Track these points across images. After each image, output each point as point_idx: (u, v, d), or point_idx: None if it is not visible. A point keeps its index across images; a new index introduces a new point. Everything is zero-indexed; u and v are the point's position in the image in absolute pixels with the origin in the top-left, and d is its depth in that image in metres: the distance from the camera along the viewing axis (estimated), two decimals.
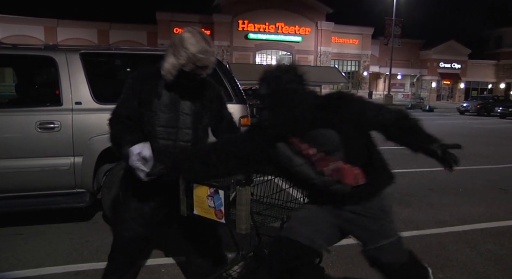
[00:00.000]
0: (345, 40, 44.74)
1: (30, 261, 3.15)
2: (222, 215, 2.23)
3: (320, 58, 42.90)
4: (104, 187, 3.72)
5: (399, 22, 36.18)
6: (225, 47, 39.91)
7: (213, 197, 2.26)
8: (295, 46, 42.62)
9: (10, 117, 3.56)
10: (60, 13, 43.53)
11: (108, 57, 4.07)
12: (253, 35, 41.21)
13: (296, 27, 42.04)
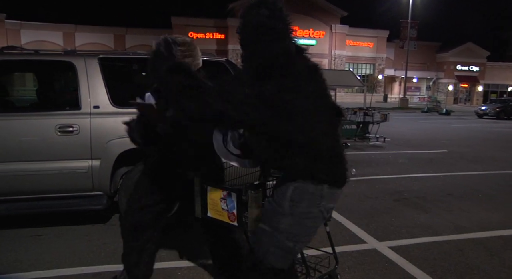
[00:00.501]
0: (359, 43, 44.49)
1: (48, 262, 3.21)
2: (234, 217, 2.25)
3: (334, 61, 42.75)
4: (121, 190, 3.76)
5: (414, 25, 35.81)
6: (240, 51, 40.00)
7: (226, 199, 2.28)
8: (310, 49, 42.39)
9: (31, 121, 3.64)
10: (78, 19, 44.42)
11: (125, 61, 4.13)
12: None
13: (311, 30, 42.00)
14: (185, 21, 39.82)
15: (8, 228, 3.93)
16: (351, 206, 4.85)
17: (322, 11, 42.11)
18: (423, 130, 14.85)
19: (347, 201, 4.97)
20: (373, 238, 3.83)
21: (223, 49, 38.56)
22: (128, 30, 41.80)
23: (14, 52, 3.91)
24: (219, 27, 40.53)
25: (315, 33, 42.21)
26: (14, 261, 3.20)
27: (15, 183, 3.58)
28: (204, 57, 4.16)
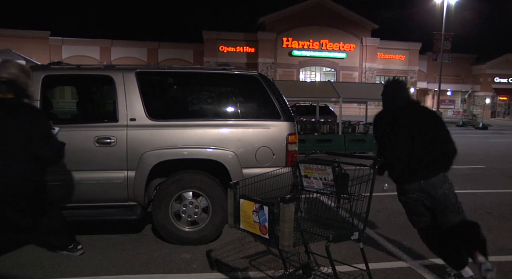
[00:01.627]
0: (391, 56, 43.83)
1: (86, 269, 3.31)
2: (266, 230, 2.26)
3: (365, 74, 42.26)
4: (155, 201, 3.84)
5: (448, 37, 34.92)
6: (269, 64, 40.39)
7: (258, 212, 2.30)
8: (340, 62, 42.32)
9: (72, 132, 3.80)
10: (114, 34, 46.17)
11: (161, 75, 4.26)
12: (297, 52, 41.44)
13: (341, 43, 41.81)
14: (216, 35, 40.61)
15: None
16: (384, 222, 4.74)
17: (353, 24, 41.92)
18: (459, 145, 14.17)
19: (379, 217, 4.86)
20: (407, 256, 3.71)
21: (253, 63, 38.95)
22: (161, 44, 43.02)
23: (60, 67, 4.12)
24: (249, 41, 41.05)
25: (345, 46, 41.98)
26: (53, 267, 3.33)
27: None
28: (235, 71, 4.27)
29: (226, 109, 4.35)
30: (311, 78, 42.22)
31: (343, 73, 42.21)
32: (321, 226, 2.70)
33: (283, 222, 2.13)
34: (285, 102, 4.13)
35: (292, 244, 2.18)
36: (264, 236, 2.24)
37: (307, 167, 2.77)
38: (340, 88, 12.55)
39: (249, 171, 3.83)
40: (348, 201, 2.61)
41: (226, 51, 40.61)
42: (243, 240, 4.04)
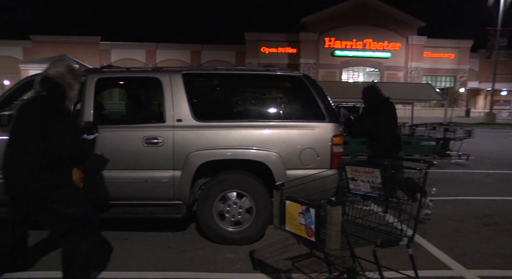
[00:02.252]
0: (439, 55, 42.00)
1: (134, 264, 3.43)
2: (312, 233, 2.23)
3: (410, 74, 40.80)
4: (200, 200, 3.92)
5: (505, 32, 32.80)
6: (311, 65, 40.05)
7: (304, 214, 2.28)
8: (384, 62, 41.17)
9: (122, 133, 3.96)
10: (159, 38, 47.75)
11: (207, 77, 4.34)
12: (339, 52, 40.79)
13: (385, 43, 40.66)
14: (258, 36, 40.84)
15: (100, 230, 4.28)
16: (432, 228, 4.54)
17: (398, 22, 40.59)
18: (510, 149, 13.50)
19: (427, 222, 4.66)
20: (459, 265, 3.53)
21: (294, 63, 38.83)
22: (204, 46, 43.91)
23: (111, 70, 4.31)
24: (291, 42, 40.93)
25: (390, 46, 40.77)
26: (105, 261, 3.48)
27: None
28: (280, 72, 4.26)
29: (271, 110, 4.35)
30: (354, 78, 41.39)
31: (387, 73, 41.02)
32: (366, 230, 2.63)
33: (330, 225, 2.09)
34: (330, 103, 4.07)
35: (339, 248, 2.14)
36: (310, 238, 2.21)
37: (354, 169, 2.71)
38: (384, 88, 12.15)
39: (293, 172, 3.81)
40: (396, 205, 2.52)
41: (267, 52, 40.73)
42: (286, 241, 4.02)
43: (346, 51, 40.91)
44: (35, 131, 2.61)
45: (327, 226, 2.12)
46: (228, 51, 43.54)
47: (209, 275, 3.24)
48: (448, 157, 9.92)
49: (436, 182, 6.90)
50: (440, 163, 9.71)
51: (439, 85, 41.84)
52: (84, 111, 3.94)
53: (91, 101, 3.97)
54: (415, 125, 12.49)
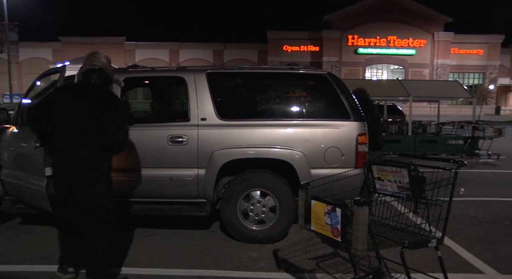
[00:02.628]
0: (466, 51, 40.81)
1: (160, 261, 3.48)
2: (338, 233, 2.20)
3: (436, 71, 39.82)
4: (224, 199, 3.94)
5: None
6: (334, 63, 39.67)
7: (330, 214, 2.25)
8: (409, 59, 40.35)
9: (147, 131, 4.02)
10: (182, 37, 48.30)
11: (231, 76, 4.35)
12: (362, 50, 40.24)
13: (410, 39, 39.83)
14: (280, 34, 40.75)
15: (125, 226, 4.36)
16: (461, 230, 4.41)
17: (424, 18, 39.65)
18: None
19: (455, 224, 4.53)
20: (491, 269, 3.41)
21: (317, 61, 38.53)
22: (226, 45, 44.17)
23: (136, 70, 4.38)
24: (313, 40, 40.65)
25: (415, 42, 39.91)
26: (131, 257, 3.55)
27: (133, 187, 3.97)
28: (304, 70, 4.23)
29: (295, 109, 4.33)
30: (378, 76, 40.73)
31: (412, 71, 40.18)
32: (393, 230, 2.57)
33: (357, 225, 2.06)
34: (355, 101, 4.01)
35: (365, 249, 2.10)
36: (336, 238, 2.19)
37: (380, 168, 2.66)
38: (410, 86, 11.93)
39: (317, 171, 3.78)
40: (425, 205, 2.46)
41: (290, 51, 40.60)
42: (310, 240, 4.00)
43: (369, 49, 40.31)
44: (95, 125, 2.87)
45: (354, 226, 2.08)
46: (250, 50, 43.63)
47: (232, 274, 3.25)
48: (476, 156, 9.63)
49: (465, 182, 6.70)
50: (469, 162, 9.43)
51: (467, 83, 40.67)
52: None
53: None
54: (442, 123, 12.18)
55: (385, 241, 2.39)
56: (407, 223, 2.61)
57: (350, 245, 2.16)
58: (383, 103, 15.65)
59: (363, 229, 2.06)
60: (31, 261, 3.47)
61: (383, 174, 2.65)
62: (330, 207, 2.21)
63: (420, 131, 12.39)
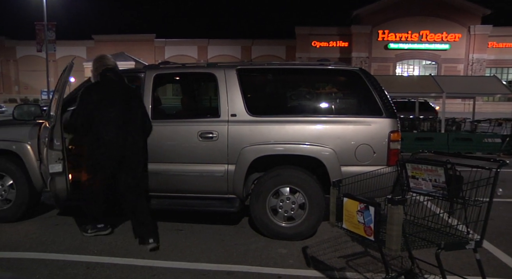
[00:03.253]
0: (506, 45, 38.93)
1: (188, 255, 3.54)
2: (371, 232, 2.16)
3: (472, 66, 38.28)
4: (253, 195, 3.95)
5: None
6: (364, 59, 38.88)
7: (363, 212, 2.21)
8: (442, 54, 38.99)
9: (178, 127, 4.08)
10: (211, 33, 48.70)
11: (261, 72, 4.33)
12: (393, 45, 39.22)
13: (444, 34, 38.43)
14: (309, 30, 40.32)
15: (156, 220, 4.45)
16: (500, 232, 4.24)
17: (459, 11, 38.13)
18: None
19: (494, 226, 4.35)
20: None
21: (346, 57, 37.87)
22: (254, 42, 44.16)
23: (168, 66, 4.45)
24: (342, 35, 39.98)
25: (449, 37, 38.47)
26: (162, 250, 3.62)
27: (164, 182, 4.05)
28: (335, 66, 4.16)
29: (325, 105, 4.27)
30: (409, 72, 39.66)
31: (445, 66, 38.82)
32: (427, 231, 2.50)
33: (391, 225, 2.01)
34: (388, 98, 3.91)
35: (399, 249, 2.05)
36: (369, 237, 2.14)
37: (415, 167, 2.58)
38: (443, 82, 11.56)
39: (348, 168, 3.72)
40: (462, 206, 2.37)
41: (318, 46, 40.14)
42: (339, 238, 3.95)
43: (400, 44, 39.24)
44: (140, 117, 3.80)
45: (388, 225, 2.04)
46: (278, 46, 43.45)
47: (262, 270, 3.25)
48: None
49: (503, 182, 6.43)
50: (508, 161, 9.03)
51: (506, 78, 38.92)
52: None
53: (149, 96, 4.12)
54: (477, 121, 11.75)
55: (419, 241, 2.32)
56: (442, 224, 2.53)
57: (384, 244, 2.12)
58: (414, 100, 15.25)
59: (398, 229, 2.01)
60: (67, 250, 3.60)
61: (417, 172, 2.57)
62: (363, 205, 2.17)
63: (454, 129, 12.01)
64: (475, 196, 2.36)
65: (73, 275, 3.11)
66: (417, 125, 11.89)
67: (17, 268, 3.23)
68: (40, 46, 31.69)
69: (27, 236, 4.00)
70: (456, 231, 2.44)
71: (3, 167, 4.30)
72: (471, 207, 2.36)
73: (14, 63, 46.88)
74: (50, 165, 3.69)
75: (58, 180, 3.77)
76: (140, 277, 3.10)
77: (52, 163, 3.68)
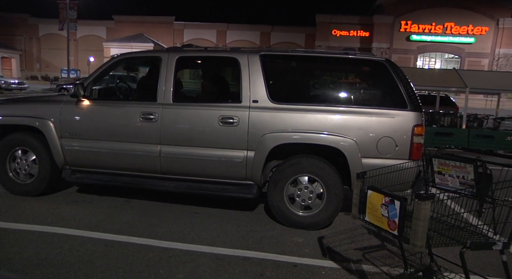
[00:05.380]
0: None
1: (205, 239, 3.56)
2: (395, 226, 2.13)
3: (497, 62, 37.20)
4: (271, 182, 3.93)
5: None
6: (384, 50, 38.15)
7: (387, 206, 2.17)
8: (466, 48, 38.00)
9: (199, 111, 4.06)
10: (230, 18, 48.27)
11: (285, 58, 4.26)
12: (416, 37, 38.36)
13: (469, 26, 37.37)
14: (329, 18, 39.66)
15: (173, 203, 4.50)
16: None
17: (487, 3, 36.87)
18: None
19: None
20: None
21: (366, 47, 37.22)
22: (274, 28, 43.70)
23: (191, 49, 4.41)
24: (363, 25, 39.22)
25: (475, 30, 37.40)
26: (178, 232, 3.65)
27: (183, 165, 4.06)
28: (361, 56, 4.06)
29: (349, 95, 4.19)
30: (430, 65, 38.78)
31: (469, 60, 37.84)
32: (453, 229, 2.45)
33: (417, 220, 1.97)
34: (413, 90, 3.82)
35: (424, 245, 2.01)
36: (393, 232, 2.11)
37: (442, 162, 2.52)
38: (467, 76, 11.24)
39: (369, 161, 3.67)
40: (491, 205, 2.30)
41: (338, 35, 39.50)
42: (356, 230, 3.93)
43: (423, 36, 38.35)
44: None
45: (414, 221, 1.99)
46: (298, 33, 42.92)
47: (278, 257, 3.25)
48: None
49: None
50: None
51: None
52: (165, 89, 4.10)
53: (171, 79, 4.11)
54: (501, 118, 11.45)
55: (443, 239, 2.27)
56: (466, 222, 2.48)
57: (407, 240, 2.08)
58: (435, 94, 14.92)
59: (424, 224, 1.97)
60: (87, 227, 3.67)
61: (444, 168, 2.51)
62: (389, 199, 2.13)
63: (475, 125, 11.73)
64: (505, 196, 2.29)
65: (92, 252, 3.16)
66: (437, 120, 11.64)
67: (40, 241, 3.30)
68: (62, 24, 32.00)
69: (49, 211, 4.09)
70: (482, 230, 2.39)
71: (26, 142, 4.38)
72: (500, 207, 2.30)
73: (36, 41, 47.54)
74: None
75: None
76: (157, 257, 3.13)
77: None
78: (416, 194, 2.00)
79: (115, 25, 44.91)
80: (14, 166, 4.45)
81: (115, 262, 3.01)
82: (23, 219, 3.81)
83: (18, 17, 46.77)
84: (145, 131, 4.08)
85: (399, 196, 2.08)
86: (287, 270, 3.04)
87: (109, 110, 4.26)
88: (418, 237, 1.98)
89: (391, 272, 3.06)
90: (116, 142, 4.17)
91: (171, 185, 4.13)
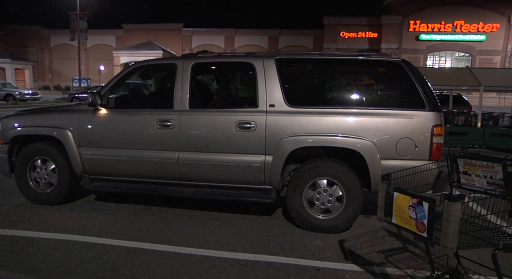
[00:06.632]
0: None
1: (224, 244, 3.55)
2: (424, 228, 2.10)
3: (510, 58, 36.67)
4: (290, 186, 3.91)
5: None
6: (393, 50, 37.88)
7: (415, 208, 2.14)
8: (477, 46, 37.54)
9: (215, 117, 4.07)
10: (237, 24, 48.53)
11: (300, 62, 4.26)
12: (425, 36, 38.03)
13: (480, 24, 36.92)
14: (337, 20, 39.59)
15: (192, 209, 4.51)
16: None
17: None
18: None
19: None
20: None
21: (375, 48, 37.02)
22: (282, 32, 43.78)
23: (205, 55, 4.43)
24: (372, 26, 39.06)
25: (485, 27, 36.93)
26: (198, 238, 3.65)
27: (201, 171, 4.06)
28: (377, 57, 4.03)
29: (366, 97, 4.16)
30: (440, 64, 38.41)
31: (480, 59, 37.37)
32: (483, 230, 2.40)
33: (448, 222, 1.93)
34: (431, 90, 3.78)
35: (455, 247, 1.98)
36: (422, 234, 2.08)
37: (467, 162, 2.48)
38: (480, 75, 11.10)
39: (388, 162, 3.64)
40: None
41: (347, 37, 39.39)
42: (377, 233, 3.88)
43: (432, 35, 38.01)
44: None
45: (444, 222, 1.96)
46: (306, 36, 42.93)
47: (300, 261, 3.23)
48: None
49: None
50: None
51: None
52: (181, 96, 4.12)
53: (187, 86, 4.13)
54: None
55: (473, 240, 2.23)
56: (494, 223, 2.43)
57: (437, 242, 2.04)
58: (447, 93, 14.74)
59: (454, 226, 1.93)
60: (108, 235, 3.69)
61: (470, 168, 2.47)
62: (416, 201, 2.10)
63: (491, 124, 11.56)
64: None
65: (114, 259, 3.18)
66: (451, 120, 11.51)
67: (63, 249, 3.33)
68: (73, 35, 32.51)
69: (70, 219, 4.13)
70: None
71: (46, 151, 4.43)
72: None
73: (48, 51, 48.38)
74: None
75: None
76: (179, 264, 3.13)
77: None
78: (445, 195, 1.97)
79: (124, 33, 45.45)
80: (34, 175, 4.51)
81: (138, 269, 3.02)
82: (45, 228, 3.85)
83: (30, 29, 47.68)
84: (162, 138, 4.10)
85: (428, 197, 2.05)
86: (311, 274, 3.01)
87: (126, 118, 4.29)
88: (448, 238, 1.95)
89: (416, 275, 3.01)
90: (134, 150, 4.20)
91: (190, 191, 4.14)
